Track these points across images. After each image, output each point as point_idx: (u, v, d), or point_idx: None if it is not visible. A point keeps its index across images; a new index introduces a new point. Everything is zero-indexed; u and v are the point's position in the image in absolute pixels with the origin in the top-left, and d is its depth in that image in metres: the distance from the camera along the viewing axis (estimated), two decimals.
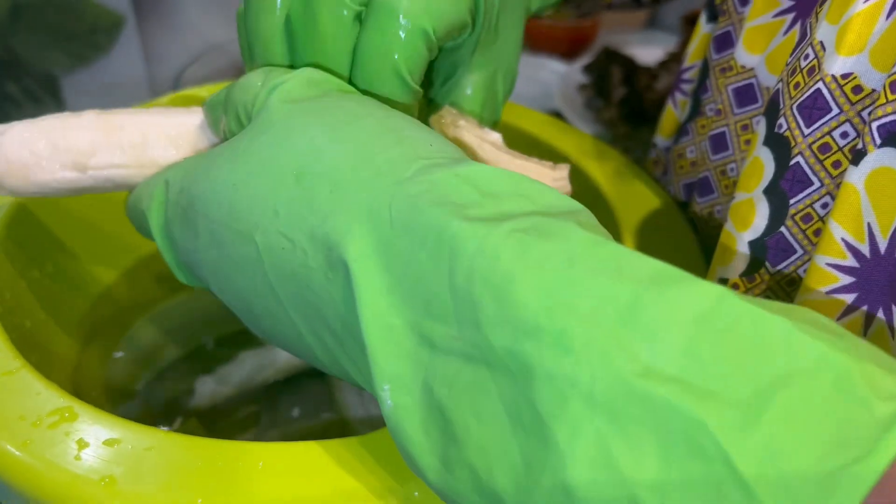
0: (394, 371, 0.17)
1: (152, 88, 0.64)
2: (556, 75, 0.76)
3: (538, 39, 0.84)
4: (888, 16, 0.21)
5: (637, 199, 0.33)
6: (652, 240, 0.30)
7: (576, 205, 0.18)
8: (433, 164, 0.18)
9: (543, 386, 0.14)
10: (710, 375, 0.13)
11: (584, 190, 0.34)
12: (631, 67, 0.64)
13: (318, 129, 0.19)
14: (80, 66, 0.61)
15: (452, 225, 0.16)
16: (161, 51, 0.66)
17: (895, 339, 0.20)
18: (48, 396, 0.22)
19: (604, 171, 0.34)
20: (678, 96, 0.36)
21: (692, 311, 0.14)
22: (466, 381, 0.16)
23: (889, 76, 0.20)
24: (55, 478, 0.20)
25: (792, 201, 0.22)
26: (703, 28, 0.34)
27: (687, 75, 0.35)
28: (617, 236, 0.30)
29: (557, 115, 0.72)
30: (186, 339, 0.38)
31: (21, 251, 0.31)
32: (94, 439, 0.20)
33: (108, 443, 0.20)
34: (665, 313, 0.14)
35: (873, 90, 0.21)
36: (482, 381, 0.15)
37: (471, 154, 0.25)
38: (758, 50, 0.28)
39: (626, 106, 0.59)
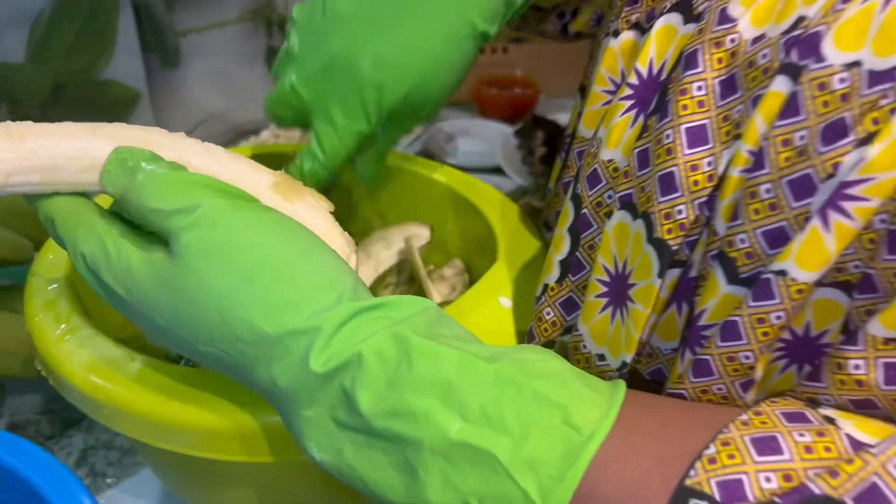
0: (318, 439, 0.27)
1: None
2: (501, 136, 0.90)
3: (488, 106, 0.99)
4: (632, 123, 0.34)
5: (518, 236, 0.46)
6: (524, 267, 0.44)
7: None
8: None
9: (408, 446, 0.25)
10: (495, 425, 0.24)
11: (482, 230, 0.48)
12: (555, 130, 0.78)
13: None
14: None
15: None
16: (168, 119, 0.80)
17: (624, 323, 0.32)
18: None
19: (498, 215, 0.48)
20: (562, 153, 0.49)
21: (486, 385, 0.25)
22: (363, 445, 0.26)
23: (626, 165, 0.33)
24: None
25: (582, 236, 0.36)
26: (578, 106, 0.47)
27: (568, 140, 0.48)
28: (495, 261, 0.43)
29: (499, 169, 0.86)
30: None
31: None
32: None
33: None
34: (466, 390, 0.25)
35: (624, 171, 0.34)
36: (372, 445, 0.26)
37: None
38: (591, 126, 0.41)
39: (546, 162, 0.74)
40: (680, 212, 0.29)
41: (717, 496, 0.22)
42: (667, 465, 0.24)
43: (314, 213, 0.33)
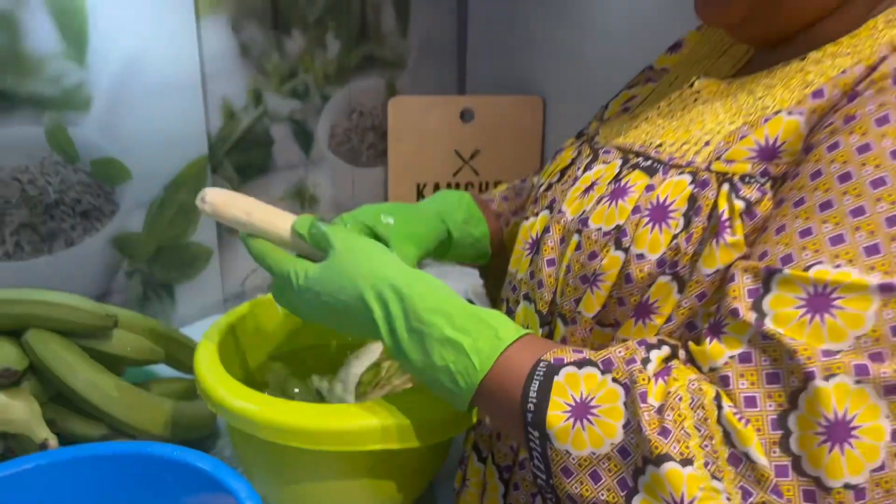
0: (400, 336, 0.53)
1: (224, 291, 1.08)
2: (470, 277, 1.21)
3: None
4: None
5: None
6: None
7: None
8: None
9: (425, 337, 0.50)
10: (464, 332, 0.50)
11: None
12: None
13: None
14: (185, 280, 1.05)
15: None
16: (232, 268, 1.10)
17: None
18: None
19: None
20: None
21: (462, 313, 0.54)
22: (410, 337, 0.51)
23: None
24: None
25: None
26: None
27: None
28: None
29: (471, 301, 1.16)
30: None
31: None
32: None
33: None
34: (455, 315, 0.52)
35: None
36: (412, 338, 0.50)
37: None
38: None
39: None
40: None
41: (553, 360, 0.47)
42: (538, 354, 0.48)
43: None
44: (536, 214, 0.63)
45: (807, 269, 0.42)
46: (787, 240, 0.44)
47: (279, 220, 0.60)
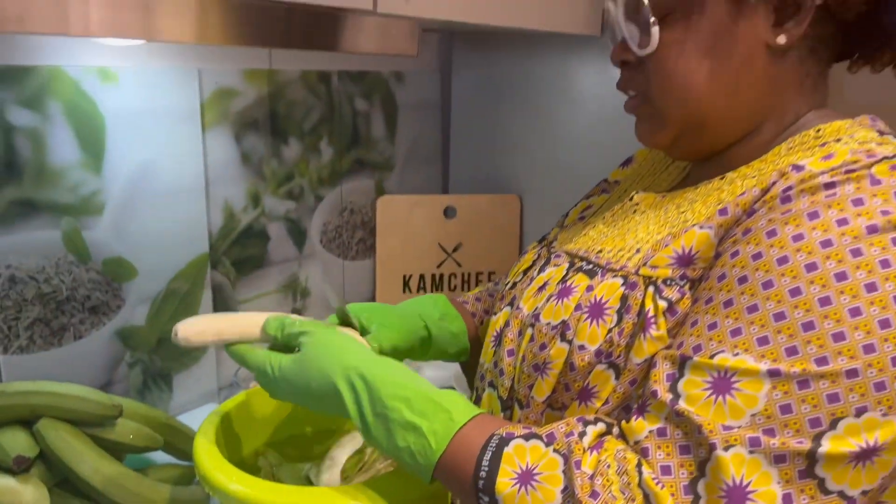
0: (362, 414, 0.58)
1: (219, 380, 1.14)
2: (454, 364, 1.27)
3: None
4: None
5: None
6: None
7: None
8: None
9: (388, 421, 0.56)
10: (423, 416, 0.56)
11: None
12: None
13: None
14: (183, 369, 1.11)
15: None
16: (226, 359, 1.16)
17: None
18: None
19: None
20: None
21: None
22: (377, 421, 0.57)
23: None
24: None
25: None
26: None
27: None
28: None
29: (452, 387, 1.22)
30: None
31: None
32: None
33: None
34: (415, 401, 0.58)
35: None
36: (377, 422, 0.57)
37: None
38: None
39: None
40: None
41: (504, 434, 0.53)
42: (490, 431, 0.54)
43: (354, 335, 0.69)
44: (501, 310, 0.70)
45: (712, 356, 0.50)
46: (698, 332, 0.52)
47: (251, 327, 0.68)
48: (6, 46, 0.87)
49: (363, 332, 0.74)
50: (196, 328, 0.67)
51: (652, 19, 0.61)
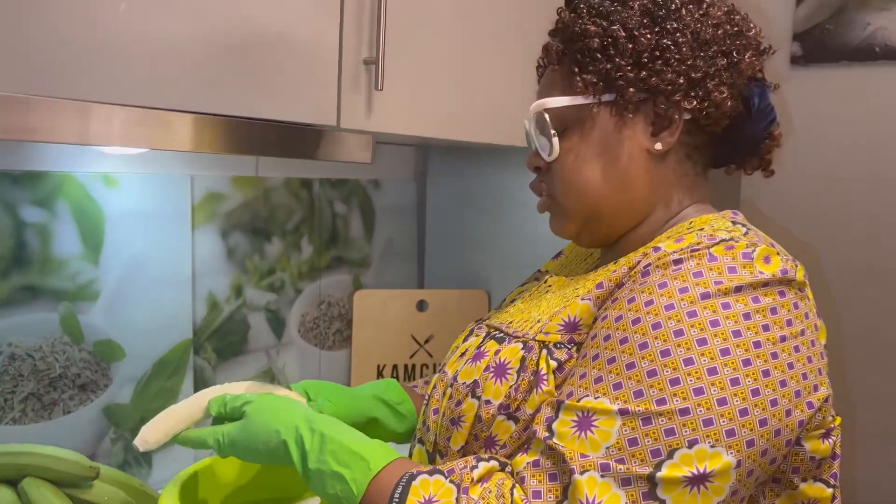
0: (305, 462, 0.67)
1: (195, 458, 1.22)
2: None
3: None
4: None
5: None
6: None
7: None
8: None
9: (319, 472, 0.66)
10: (346, 466, 0.65)
11: None
12: None
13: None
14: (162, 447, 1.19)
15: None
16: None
17: None
18: None
19: None
20: None
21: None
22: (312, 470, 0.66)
23: None
24: None
25: None
26: None
27: None
28: None
29: None
30: None
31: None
32: None
33: None
34: (339, 453, 0.67)
35: None
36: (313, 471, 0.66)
37: None
38: None
39: None
40: None
41: (415, 471, 0.61)
42: (404, 471, 0.62)
43: (290, 393, 0.78)
44: (433, 378, 0.81)
45: (579, 400, 0.60)
46: (573, 381, 0.62)
47: (196, 412, 0.78)
48: (25, 154, 1.02)
49: (308, 401, 0.84)
50: (152, 432, 0.77)
51: (553, 132, 0.74)
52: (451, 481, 0.61)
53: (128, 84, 0.75)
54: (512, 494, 0.58)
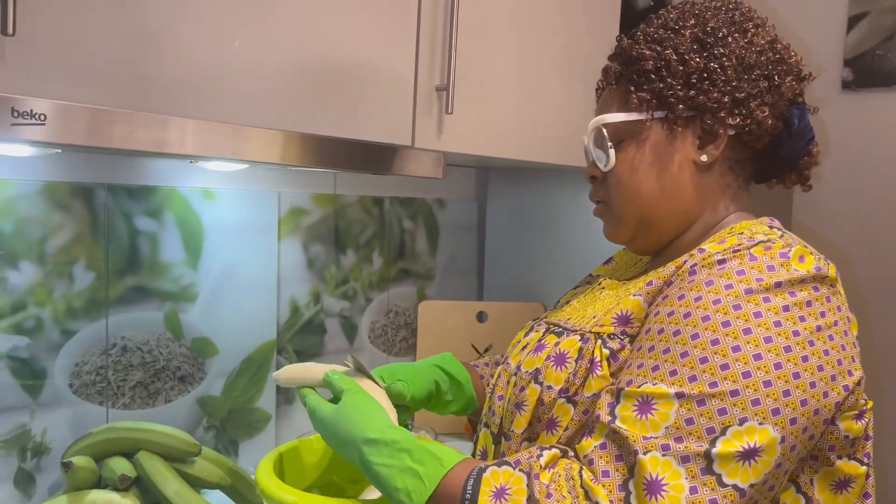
0: (380, 461, 0.74)
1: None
2: None
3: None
4: None
5: None
6: None
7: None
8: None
9: (402, 470, 0.74)
10: (420, 463, 0.76)
11: None
12: None
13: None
14: (247, 438, 1.31)
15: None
16: (284, 433, 1.36)
17: None
18: None
19: None
20: None
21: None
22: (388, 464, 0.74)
23: None
24: None
25: None
26: None
27: None
28: None
29: None
30: None
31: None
32: None
33: None
34: (417, 455, 0.76)
35: None
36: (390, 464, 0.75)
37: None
38: None
39: None
40: None
41: (483, 466, 0.68)
42: (472, 467, 0.70)
43: (378, 392, 0.86)
44: (498, 369, 0.90)
45: (639, 386, 0.68)
46: (631, 371, 0.70)
47: (317, 376, 0.88)
48: (140, 171, 1.16)
49: (388, 389, 0.94)
50: (284, 376, 0.88)
51: (609, 144, 0.83)
52: (521, 470, 0.68)
53: (232, 105, 0.88)
54: (581, 476, 0.65)
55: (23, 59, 0.68)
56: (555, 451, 0.70)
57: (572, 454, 0.71)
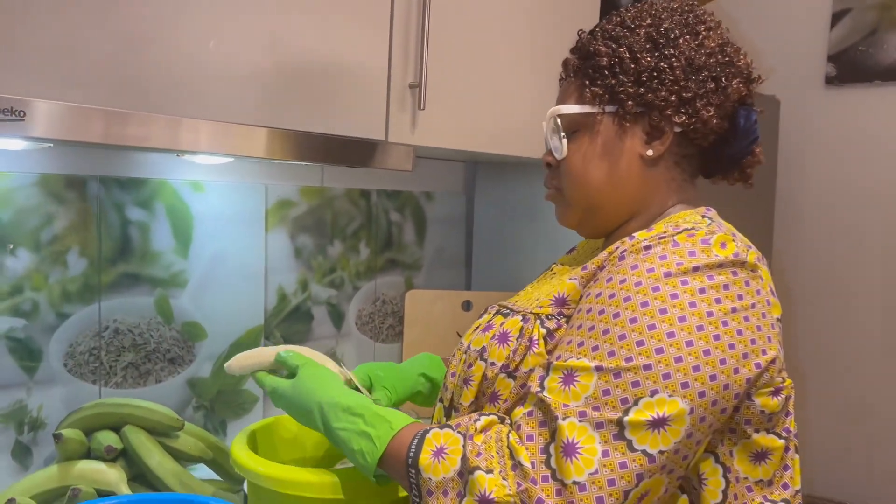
0: (341, 427, 0.81)
1: None
2: None
3: None
4: None
5: None
6: None
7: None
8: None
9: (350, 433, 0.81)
10: (371, 426, 0.80)
11: None
12: None
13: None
14: (235, 418, 1.38)
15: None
16: (272, 412, 1.43)
17: None
18: None
19: None
20: None
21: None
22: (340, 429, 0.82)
23: None
24: None
25: None
26: None
27: None
28: None
29: None
30: None
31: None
32: None
33: None
34: (367, 417, 0.82)
35: None
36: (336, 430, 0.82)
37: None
38: None
39: None
40: None
41: (428, 428, 0.75)
42: (418, 429, 0.76)
43: (329, 361, 0.92)
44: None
45: (565, 361, 0.73)
46: (562, 346, 0.76)
47: (268, 358, 0.94)
48: (130, 164, 1.23)
49: (370, 388, 0.99)
50: (236, 365, 0.94)
51: (563, 134, 0.88)
52: (459, 432, 0.74)
53: (214, 103, 0.94)
54: (508, 438, 0.72)
55: (5, 61, 0.74)
56: (492, 417, 0.76)
57: (508, 421, 0.76)
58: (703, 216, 0.83)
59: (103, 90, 0.83)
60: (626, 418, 0.69)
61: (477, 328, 0.91)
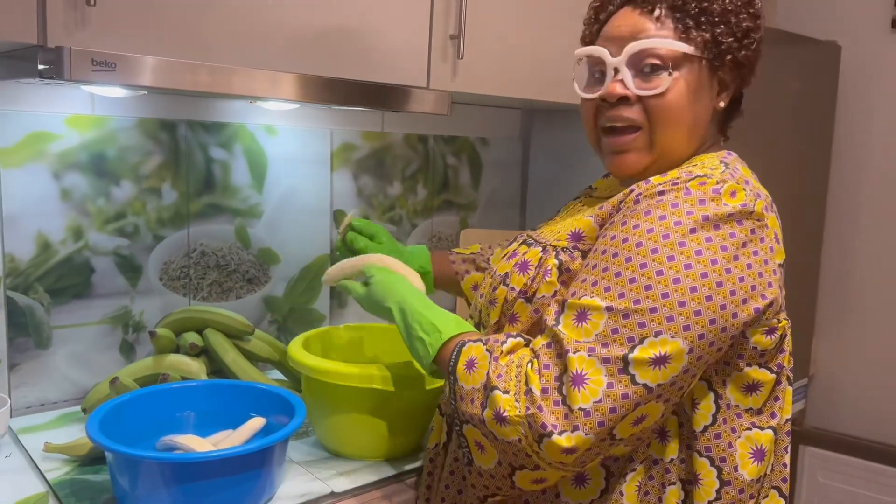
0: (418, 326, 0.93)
1: None
2: None
3: None
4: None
5: None
6: None
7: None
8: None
9: (415, 329, 0.96)
10: (424, 330, 0.94)
11: None
12: None
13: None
14: (304, 332, 1.59)
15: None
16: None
17: None
18: None
19: None
20: None
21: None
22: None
23: None
24: None
25: None
26: None
27: None
28: None
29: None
30: None
31: None
32: None
33: None
34: (426, 325, 0.95)
35: None
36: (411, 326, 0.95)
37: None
38: None
39: None
40: None
41: (467, 339, 0.87)
42: (462, 340, 0.89)
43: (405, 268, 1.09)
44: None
45: (580, 298, 0.81)
46: (577, 283, 0.83)
47: (357, 268, 1.10)
48: (214, 110, 1.43)
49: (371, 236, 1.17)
50: (328, 276, 1.13)
51: (670, 69, 0.86)
52: (487, 349, 0.83)
53: (275, 55, 1.11)
54: (527, 366, 0.79)
55: (101, 23, 0.93)
56: (518, 339, 0.84)
57: (532, 345, 0.83)
58: (721, 161, 0.87)
59: (178, 44, 1.01)
60: (630, 355, 0.75)
61: (504, 255, 1.01)
